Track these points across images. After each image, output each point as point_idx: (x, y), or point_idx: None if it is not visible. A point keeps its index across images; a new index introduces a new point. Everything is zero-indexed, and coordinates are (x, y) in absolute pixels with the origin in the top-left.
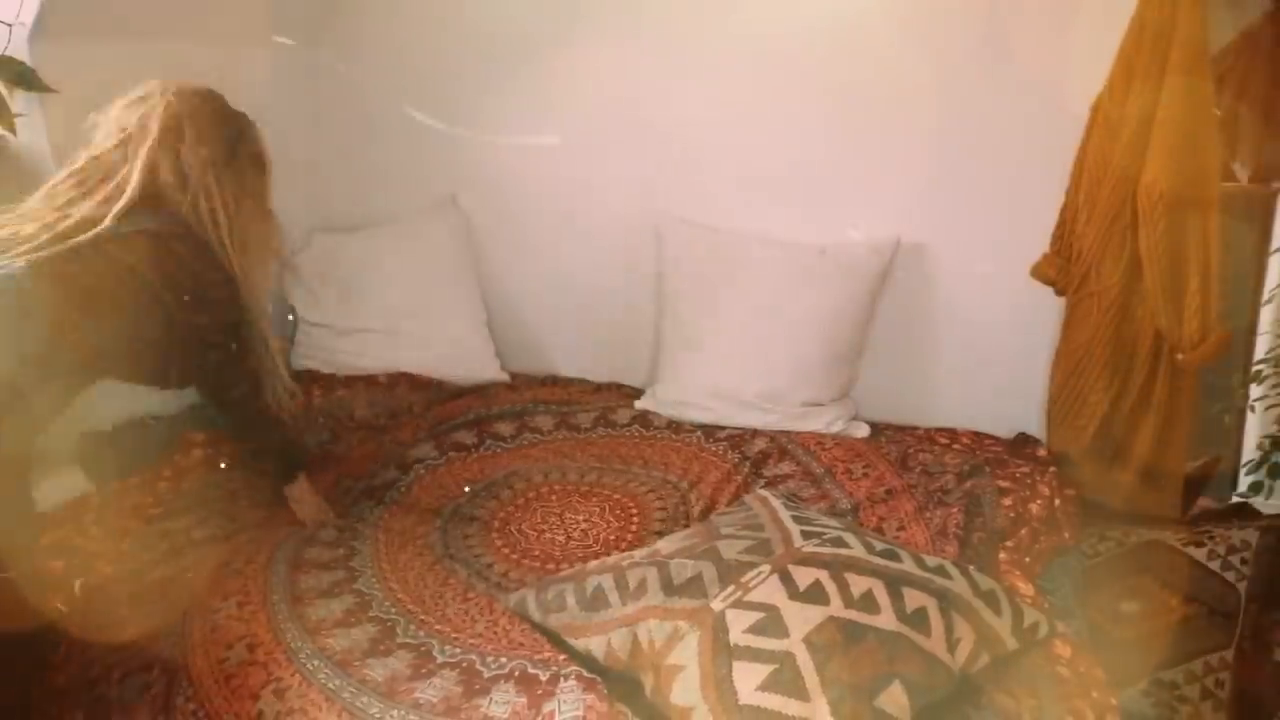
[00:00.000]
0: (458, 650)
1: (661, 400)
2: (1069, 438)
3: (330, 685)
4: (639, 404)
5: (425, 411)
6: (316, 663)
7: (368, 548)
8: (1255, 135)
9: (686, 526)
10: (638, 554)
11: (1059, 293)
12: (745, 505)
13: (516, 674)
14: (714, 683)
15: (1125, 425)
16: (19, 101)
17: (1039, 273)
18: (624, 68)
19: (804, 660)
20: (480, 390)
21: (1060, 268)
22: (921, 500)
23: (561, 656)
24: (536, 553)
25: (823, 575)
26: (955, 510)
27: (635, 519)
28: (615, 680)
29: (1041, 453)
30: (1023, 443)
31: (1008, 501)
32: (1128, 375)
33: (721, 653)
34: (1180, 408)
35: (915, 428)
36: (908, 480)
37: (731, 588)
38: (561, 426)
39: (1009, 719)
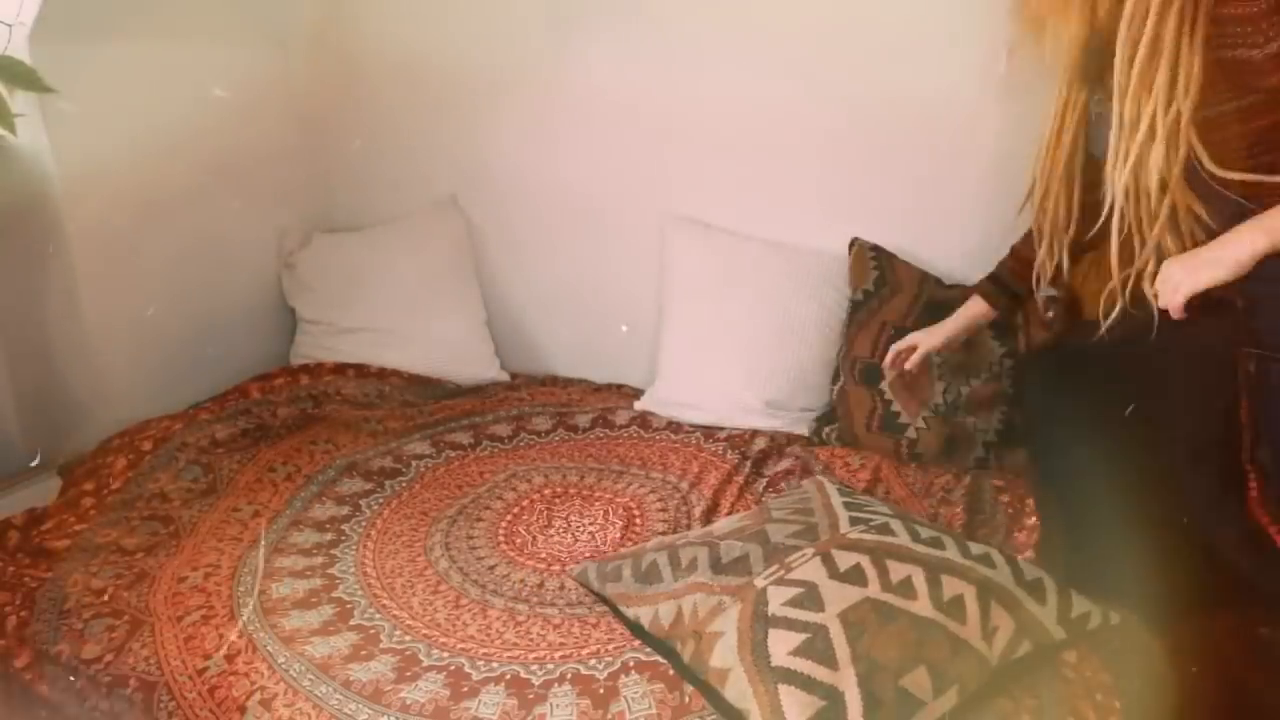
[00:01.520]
0: (445, 654)
1: (661, 401)
2: None
3: (317, 691)
4: (638, 404)
5: (420, 405)
6: (300, 668)
7: (351, 554)
8: None
9: (688, 528)
10: (693, 533)
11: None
12: (801, 489)
13: (508, 677)
14: (750, 647)
15: None
16: (19, 101)
17: None
18: (627, 68)
19: (836, 633)
20: (479, 390)
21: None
22: (921, 497)
23: (557, 655)
24: (543, 555)
25: (864, 560)
26: (959, 510)
27: (638, 520)
28: (657, 646)
29: None
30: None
31: (1005, 498)
32: None
33: (759, 620)
34: None
35: None
36: (907, 479)
37: (775, 567)
38: (560, 427)
39: None
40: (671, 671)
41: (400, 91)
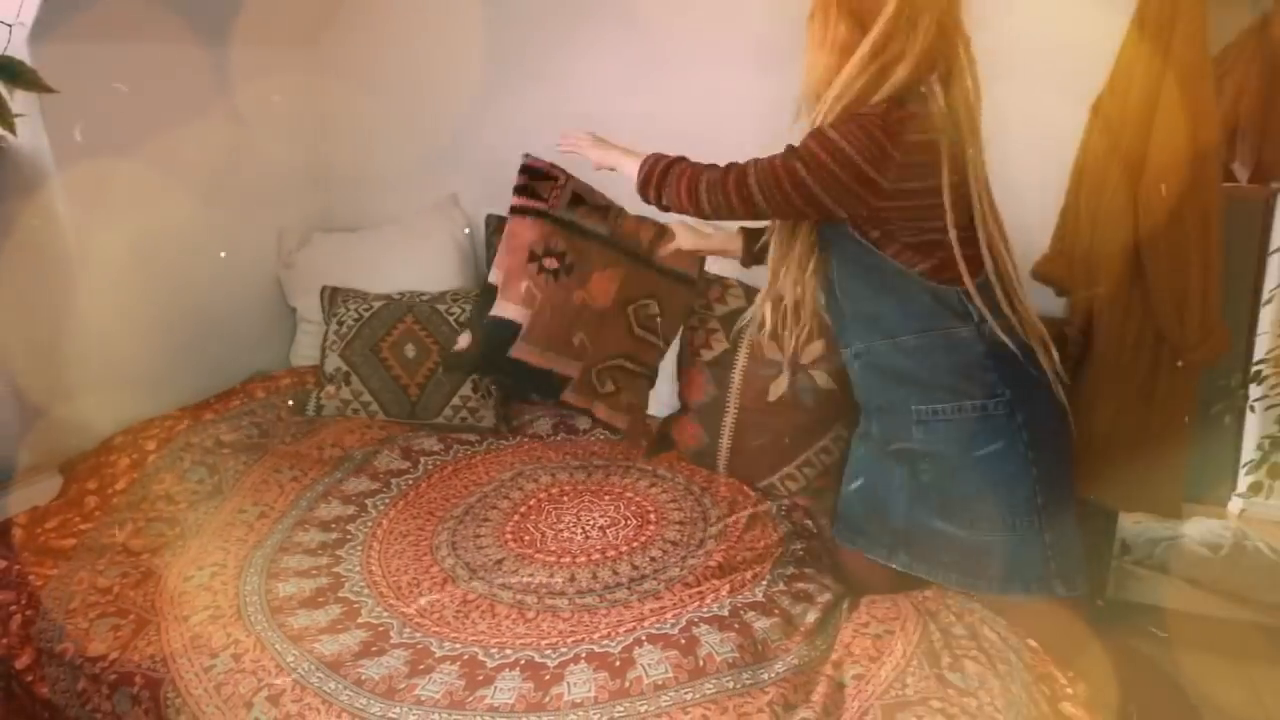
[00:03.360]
0: (458, 645)
1: (663, 404)
2: None
3: (326, 688)
4: None
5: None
6: (308, 666)
7: (357, 554)
8: (1255, 135)
9: (705, 523)
10: None
11: (1060, 293)
12: None
13: (522, 663)
14: None
15: (1125, 425)
16: (19, 101)
17: (1041, 273)
18: (629, 69)
19: None
20: None
21: (1062, 268)
22: None
23: (569, 640)
24: (553, 549)
25: None
26: None
27: (652, 515)
28: None
29: None
30: None
31: None
32: (1128, 375)
33: None
34: (1180, 408)
35: None
36: None
37: None
38: (560, 429)
39: (981, 680)
40: (684, 640)
41: (400, 91)
